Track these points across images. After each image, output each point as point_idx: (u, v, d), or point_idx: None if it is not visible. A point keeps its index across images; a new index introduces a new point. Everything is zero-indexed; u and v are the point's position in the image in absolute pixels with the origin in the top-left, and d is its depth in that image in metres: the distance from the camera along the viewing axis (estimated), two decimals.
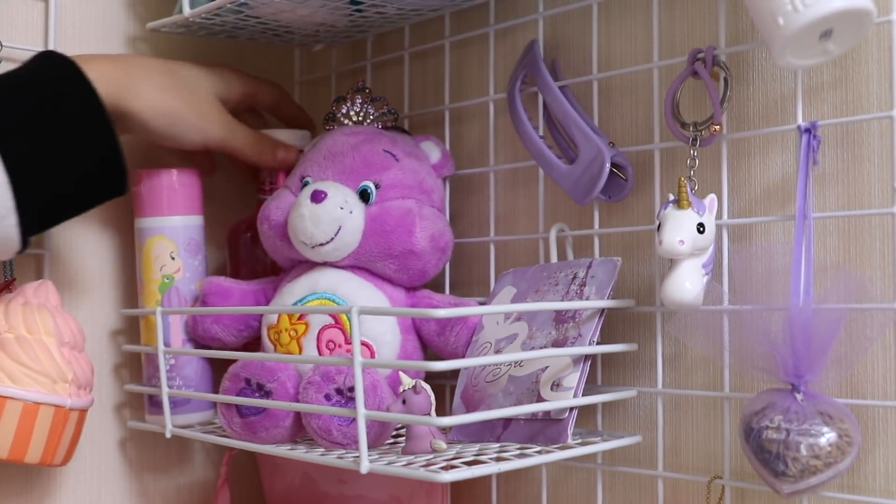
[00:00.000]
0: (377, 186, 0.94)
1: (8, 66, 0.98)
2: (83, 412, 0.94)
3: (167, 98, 0.94)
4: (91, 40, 1.05)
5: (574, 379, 0.84)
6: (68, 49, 1.03)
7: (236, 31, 1.04)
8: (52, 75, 0.88)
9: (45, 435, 0.90)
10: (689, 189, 0.79)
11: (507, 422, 0.88)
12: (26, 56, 1.00)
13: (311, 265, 0.95)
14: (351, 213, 0.92)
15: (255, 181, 1.08)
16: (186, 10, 0.97)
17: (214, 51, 1.12)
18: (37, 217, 0.86)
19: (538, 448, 0.83)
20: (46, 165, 0.86)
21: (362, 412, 0.78)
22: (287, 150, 1.04)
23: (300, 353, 0.92)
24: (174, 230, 1.00)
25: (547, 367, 0.86)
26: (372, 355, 0.91)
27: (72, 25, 1.04)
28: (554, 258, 0.94)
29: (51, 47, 1.01)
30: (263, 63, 1.17)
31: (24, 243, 0.86)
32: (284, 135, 1.07)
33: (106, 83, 0.90)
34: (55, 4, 1.02)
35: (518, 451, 0.83)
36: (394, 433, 0.92)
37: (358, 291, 0.93)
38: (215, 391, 0.99)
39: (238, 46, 1.12)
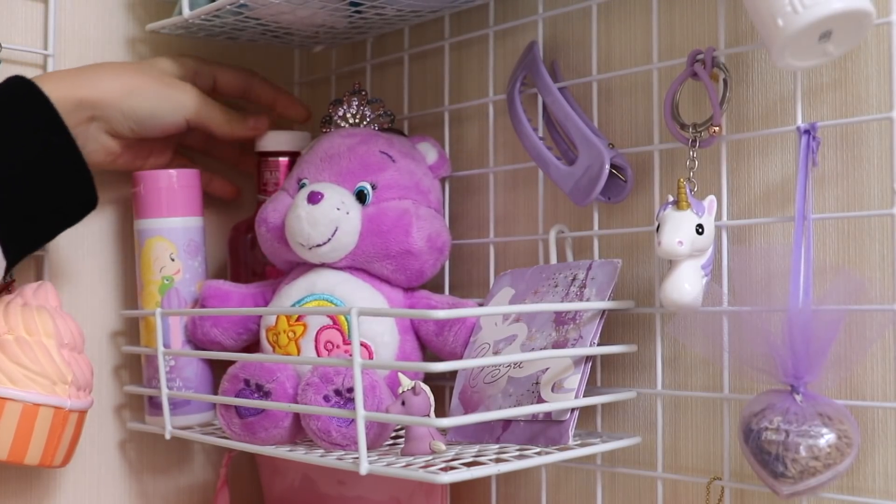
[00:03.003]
0: (374, 187, 0.94)
1: (8, 67, 0.98)
2: (83, 413, 0.94)
3: (127, 77, 0.95)
4: (91, 41, 1.05)
5: (575, 380, 0.84)
6: (68, 50, 1.03)
7: (236, 32, 1.04)
8: (9, 96, 0.89)
9: (44, 436, 0.90)
10: (688, 190, 0.79)
11: (507, 423, 0.88)
12: (26, 56, 1.01)
13: (308, 267, 0.95)
14: (348, 213, 0.92)
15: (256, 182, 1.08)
16: (186, 12, 0.97)
17: (214, 52, 1.12)
18: (9, 244, 0.86)
19: (538, 449, 0.83)
20: (10, 188, 0.86)
21: (361, 413, 0.78)
22: (258, 118, 1.04)
23: (298, 354, 0.92)
24: (174, 231, 1.00)
25: (547, 369, 0.86)
26: (370, 356, 0.91)
27: (71, 26, 1.04)
28: (553, 259, 0.94)
29: (50, 48, 1.01)
30: (263, 64, 1.17)
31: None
32: (284, 136, 1.07)
33: (62, 86, 0.90)
34: (55, 5, 1.02)
35: (517, 453, 0.83)
36: (393, 434, 0.92)
37: (356, 292, 0.93)
38: (215, 393, 0.99)
39: (238, 48, 1.12)
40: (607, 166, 0.86)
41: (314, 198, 0.91)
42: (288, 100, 1.10)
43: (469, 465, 0.79)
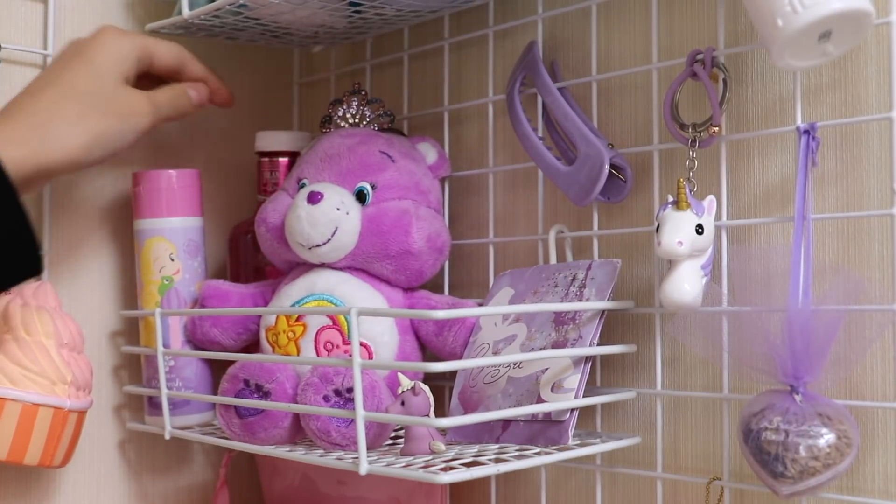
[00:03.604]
0: (374, 187, 0.94)
1: (8, 67, 0.98)
2: (82, 413, 0.94)
3: (88, 126, 0.87)
4: None
5: (575, 380, 0.84)
6: None
7: (235, 32, 1.04)
8: None
9: (44, 436, 0.90)
10: (688, 190, 0.79)
11: (507, 423, 0.88)
12: (26, 56, 1.00)
13: (308, 267, 0.95)
14: (347, 213, 0.92)
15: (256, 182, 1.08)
16: (185, 12, 0.97)
17: (214, 52, 1.12)
18: None
19: (537, 449, 0.83)
20: None
21: (361, 413, 0.78)
22: (196, 88, 0.99)
23: (298, 354, 0.92)
24: (173, 231, 1.00)
25: (547, 369, 0.86)
26: (370, 356, 0.91)
27: (71, 27, 1.04)
28: (553, 259, 0.94)
29: (50, 49, 1.01)
30: (263, 64, 1.17)
31: None
32: (284, 136, 1.07)
33: (21, 153, 0.82)
34: (54, 5, 1.02)
35: (517, 453, 0.83)
36: (393, 434, 0.92)
37: (356, 292, 0.93)
38: (214, 393, 0.99)
39: (237, 48, 1.12)
40: (607, 166, 0.86)
41: (314, 198, 0.91)
42: (214, 83, 1.01)
43: (469, 465, 0.79)
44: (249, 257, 1.07)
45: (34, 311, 0.92)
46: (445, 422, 0.77)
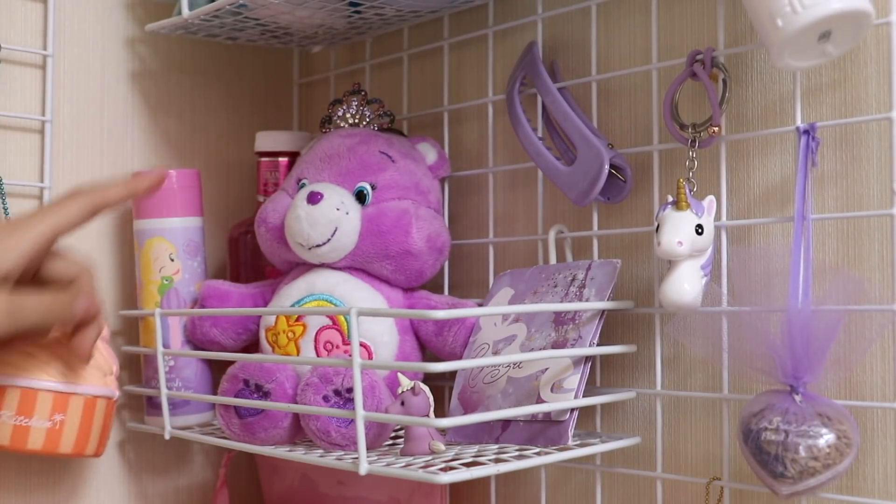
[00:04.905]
0: (373, 187, 0.94)
1: (7, 67, 0.98)
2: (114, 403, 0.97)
3: None
4: (90, 42, 1.05)
5: (574, 381, 0.84)
6: (68, 50, 1.03)
7: (235, 32, 1.04)
8: None
9: (100, 427, 0.93)
10: (687, 190, 0.79)
11: (507, 423, 0.88)
12: (26, 57, 1.00)
13: (308, 267, 0.95)
14: (347, 214, 0.92)
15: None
16: (185, 12, 0.97)
17: (214, 52, 1.12)
18: None
19: (537, 449, 0.83)
20: None
21: (361, 413, 0.78)
22: (91, 299, 0.85)
23: (298, 354, 0.92)
24: (173, 232, 1.00)
25: (546, 369, 0.86)
26: (370, 356, 0.91)
27: (71, 27, 1.04)
28: (553, 260, 0.94)
29: (50, 49, 1.01)
30: (263, 64, 1.17)
31: None
32: (283, 136, 1.07)
33: None
34: (54, 6, 1.02)
35: (517, 453, 0.83)
36: (392, 434, 0.92)
37: (355, 292, 0.93)
38: (214, 393, 0.99)
39: (237, 48, 1.13)
40: (606, 166, 0.86)
41: (314, 198, 0.91)
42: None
43: (468, 465, 0.79)
44: (249, 257, 1.07)
45: None
46: (445, 422, 0.77)
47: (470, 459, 0.81)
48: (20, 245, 0.78)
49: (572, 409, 0.84)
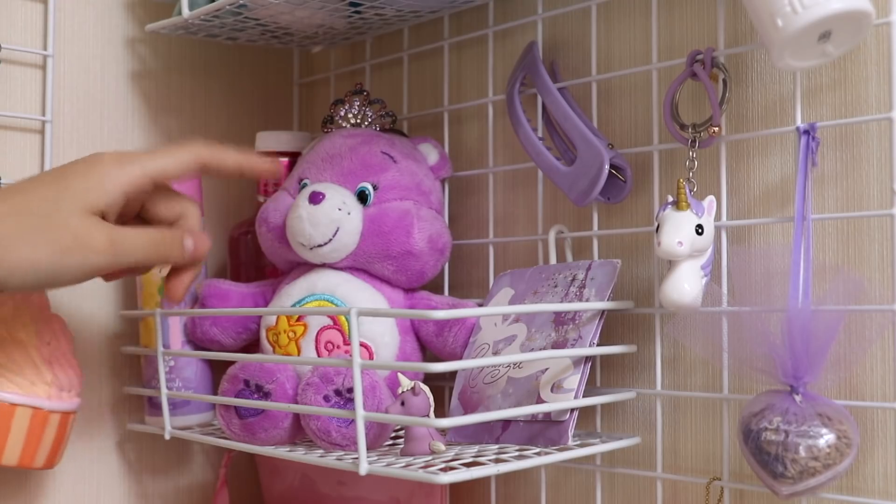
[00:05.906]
0: (375, 188, 0.94)
1: (7, 67, 0.98)
2: (67, 415, 0.92)
3: (19, 251, 0.76)
4: (90, 42, 1.05)
5: (575, 381, 0.84)
6: (68, 50, 1.03)
7: (235, 32, 1.04)
8: None
9: (22, 437, 0.89)
10: (687, 191, 0.79)
11: (507, 423, 0.88)
12: (26, 57, 1.00)
13: (309, 267, 0.95)
14: (349, 214, 0.92)
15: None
16: (185, 12, 0.97)
17: (214, 52, 1.12)
18: None
19: (537, 449, 0.83)
20: None
21: (361, 414, 0.78)
22: (199, 237, 0.85)
23: (299, 354, 0.92)
24: None
25: (546, 369, 0.86)
26: (370, 356, 0.91)
27: (71, 27, 1.04)
28: (553, 260, 0.94)
29: (50, 49, 1.01)
30: (263, 65, 1.17)
31: None
32: (284, 136, 1.07)
33: None
34: (54, 6, 1.02)
35: (517, 453, 0.83)
36: (393, 435, 0.92)
37: (356, 293, 0.93)
38: (214, 393, 0.99)
39: (237, 48, 1.13)
40: (607, 167, 0.86)
41: (315, 198, 0.91)
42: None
43: (469, 465, 0.79)
44: (249, 257, 1.07)
45: (13, 309, 0.91)
46: (445, 422, 0.77)
47: (470, 459, 0.81)
48: (121, 180, 0.80)
49: (572, 410, 0.84)
